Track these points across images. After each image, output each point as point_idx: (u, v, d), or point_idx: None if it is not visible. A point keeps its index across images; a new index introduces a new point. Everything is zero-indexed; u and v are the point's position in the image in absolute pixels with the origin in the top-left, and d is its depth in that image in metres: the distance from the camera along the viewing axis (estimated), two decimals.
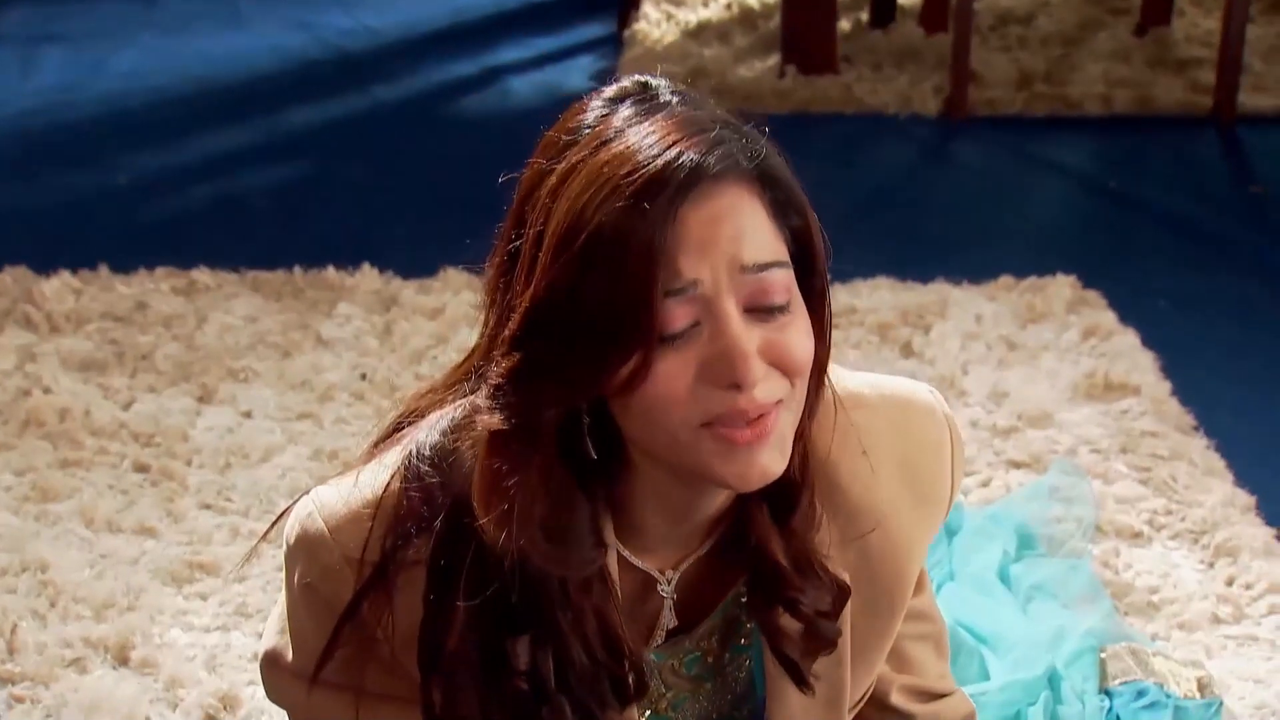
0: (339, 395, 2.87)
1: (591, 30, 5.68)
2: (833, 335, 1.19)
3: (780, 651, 1.26)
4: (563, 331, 1.07)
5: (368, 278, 3.35)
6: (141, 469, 2.63)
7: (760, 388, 1.08)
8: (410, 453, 1.19)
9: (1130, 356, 3.00)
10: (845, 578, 1.26)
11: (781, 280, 1.09)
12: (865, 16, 5.25)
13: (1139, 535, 2.44)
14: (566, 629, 1.17)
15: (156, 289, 3.31)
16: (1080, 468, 2.55)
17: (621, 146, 1.07)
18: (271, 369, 2.97)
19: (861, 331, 3.07)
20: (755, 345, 1.08)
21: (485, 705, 1.18)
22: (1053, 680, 1.96)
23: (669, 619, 1.28)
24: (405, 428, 1.24)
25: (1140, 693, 1.95)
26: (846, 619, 1.28)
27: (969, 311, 3.18)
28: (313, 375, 2.94)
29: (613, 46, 5.37)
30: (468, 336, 3.06)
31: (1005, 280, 3.34)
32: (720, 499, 1.21)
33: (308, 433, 2.75)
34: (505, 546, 1.11)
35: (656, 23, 5.42)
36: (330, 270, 3.38)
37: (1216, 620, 2.23)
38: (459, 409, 1.19)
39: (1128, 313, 3.19)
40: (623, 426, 1.12)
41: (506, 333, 1.10)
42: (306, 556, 1.22)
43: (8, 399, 2.83)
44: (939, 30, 5.07)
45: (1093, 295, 3.28)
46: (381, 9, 5.80)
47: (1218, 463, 2.63)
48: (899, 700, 1.44)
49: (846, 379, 1.27)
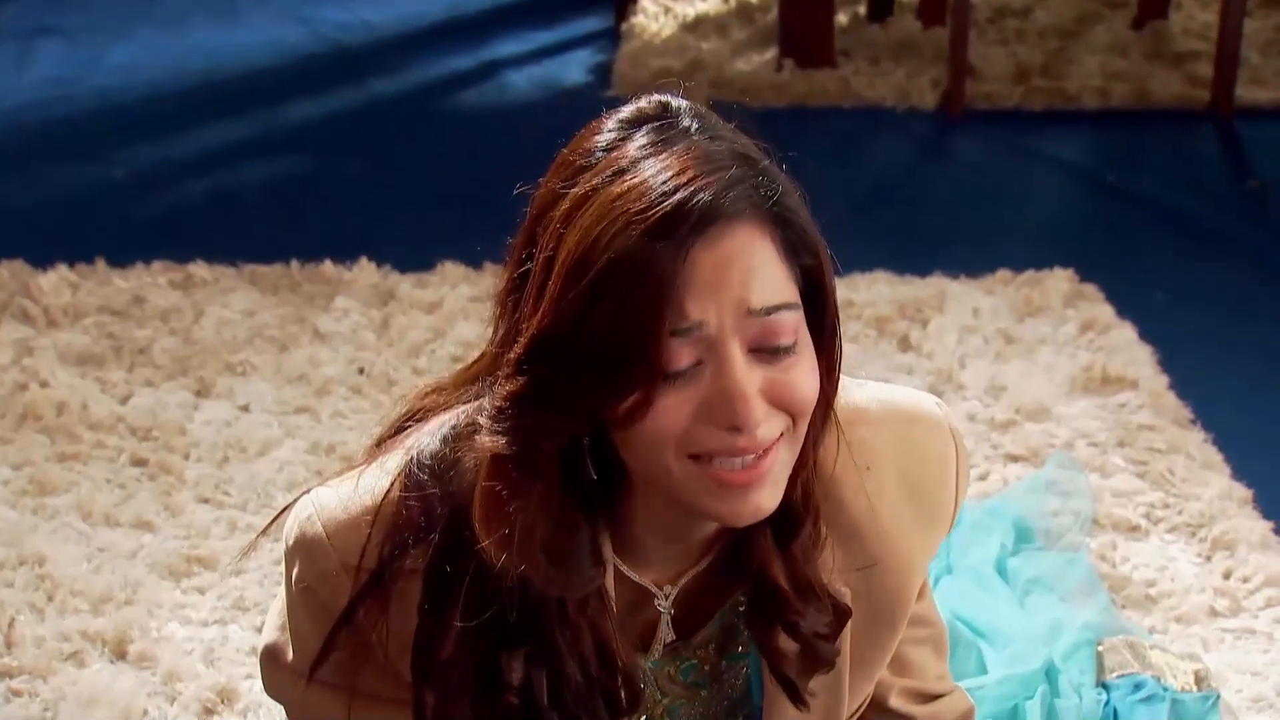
0: (336, 389, 2.87)
1: (589, 24, 5.67)
2: None
3: (778, 671, 1.26)
4: (567, 362, 1.06)
5: (365, 272, 3.34)
6: (139, 463, 2.63)
7: (761, 428, 1.08)
8: (411, 459, 1.19)
9: (1128, 350, 3.00)
10: (846, 594, 1.26)
11: (789, 322, 1.09)
12: (863, 10, 5.24)
13: (1136, 528, 2.44)
14: (563, 646, 1.17)
15: (154, 283, 3.31)
16: (1078, 461, 2.55)
17: (636, 179, 1.06)
18: (269, 363, 2.97)
19: (859, 325, 3.07)
20: (758, 385, 1.08)
21: (478, 716, 1.18)
22: (1050, 674, 1.96)
23: (666, 633, 1.28)
24: (409, 427, 1.24)
25: (1137, 686, 1.95)
26: (846, 636, 1.28)
27: (966, 305, 3.18)
28: (310, 369, 2.94)
29: (610, 40, 5.36)
30: (465, 330, 3.06)
31: (1003, 274, 3.34)
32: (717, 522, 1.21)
33: (305, 427, 2.74)
34: (506, 568, 1.12)
35: (654, 16, 5.42)
36: (327, 264, 3.37)
37: (1214, 613, 2.24)
38: (461, 415, 1.18)
39: (1125, 306, 3.19)
40: (621, 452, 1.12)
41: (512, 355, 1.10)
42: (305, 560, 1.22)
43: (5, 393, 2.83)
44: (936, 24, 5.07)
45: (1090, 289, 3.28)
46: (379, 3, 5.78)
47: (1215, 456, 2.64)
48: (898, 703, 1.44)
49: (851, 391, 1.26)
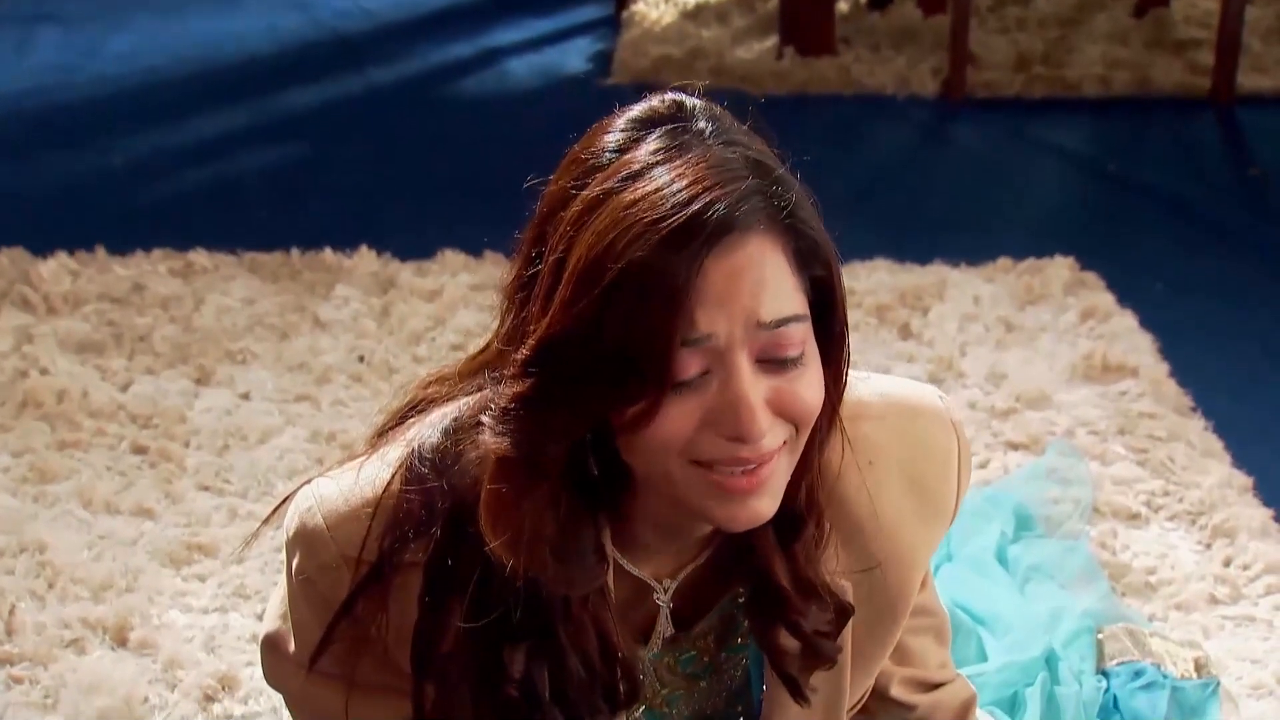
0: (337, 377, 2.87)
1: (589, 12, 5.66)
2: None
3: (779, 667, 1.26)
4: (575, 367, 1.06)
5: (365, 259, 3.34)
6: (139, 450, 2.63)
7: (765, 438, 1.08)
8: (413, 451, 1.18)
9: (1128, 338, 3.00)
10: (847, 590, 1.26)
11: (797, 335, 1.08)
12: None
13: (1136, 516, 2.44)
14: (565, 641, 1.17)
15: (154, 270, 3.30)
16: (1078, 449, 2.55)
17: (650, 187, 1.05)
18: (269, 351, 2.97)
19: (860, 314, 3.07)
20: (763, 396, 1.08)
21: (477, 709, 1.18)
22: (1050, 661, 1.96)
23: (665, 628, 1.28)
24: (411, 418, 1.23)
25: (1137, 673, 1.95)
26: (847, 631, 1.28)
27: (967, 293, 3.18)
28: (310, 357, 2.94)
29: (610, 28, 5.35)
30: (466, 318, 3.06)
31: (1003, 262, 3.34)
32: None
33: (305, 414, 2.74)
34: (514, 568, 1.12)
35: (654, 4, 5.41)
36: (328, 252, 3.37)
37: (1214, 601, 2.24)
38: (463, 408, 1.18)
39: (1126, 294, 3.19)
40: (623, 454, 1.12)
41: (519, 357, 1.09)
42: (305, 551, 1.22)
43: (5, 380, 2.83)
44: (937, 12, 5.07)
45: (1091, 277, 3.28)
46: None
47: (1215, 444, 2.64)
48: (899, 692, 1.44)
49: (853, 385, 1.25)
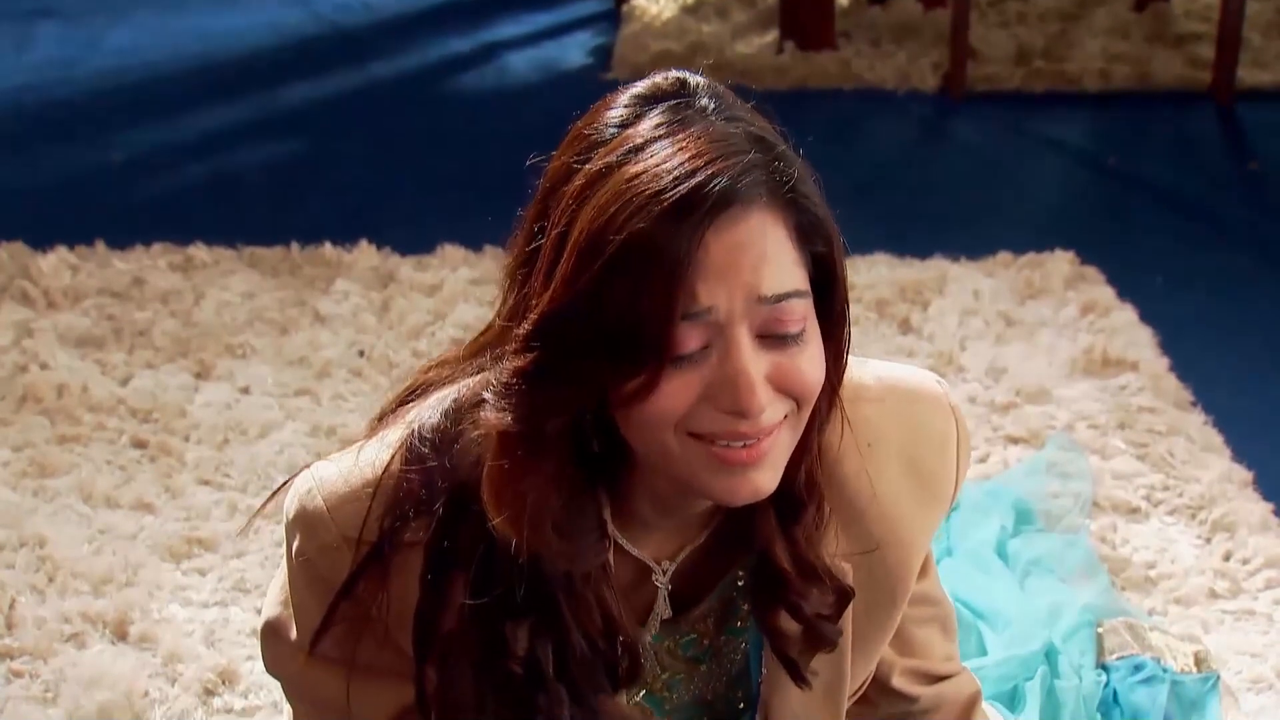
0: (336, 372, 2.87)
1: (588, 6, 5.66)
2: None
3: (780, 650, 1.26)
4: (576, 340, 1.06)
5: (365, 254, 3.34)
6: (139, 445, 2.63)
7: (765, 413, 1.08)
8: (412, 432, 1.18)
9: (1128, 332, 3.00)
10: (847, 572, 1.26)
11: (798, 310, 1.08)
12: None
13: (1136, 510, 2.44)
14: (569, 617, 1.17)
15: (154, 265, 3.30)
16: (1078, 443, 2.55)
17: (652, 160, 1.05)
18: (269, 345, 2.97)
19: (860, 308, 3.07)
20: (764, 371, 1.08)
21: (480, 687, 1.18)
22: (1050, 655, 1.96)
23: (664, 609, 1.28)
24: (412, 401, 1.24)
25: (1137, 667, 1.95)
26: (848, 615, 1.28)
27: (967, 287, 3.18)
28: (310, 352, 2.94)
29: (610, 22, 5.35)
30: (465, 312, 3.06)
31: (1003, 256, 3.34)
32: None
33: (305, 409, 2.75)
34: (518, 545, 1.12)
35: None
36: (327, 247, 3.37)
37: (1213, 595, 2.24)
38: (463, 389, 1.18)
39: (1126, 288, 3.19)
40: (621, 430, 1.12)
41: (520, 332, 1.09)
42: (305, 533, 1.22)
43: (5, 375, 2.83)
44: (937, 6, 5.06)
45: (1091, 271, 3.28)
46: None
47: (1215, 438, 2.64)
48: (901, 683, 1.44)
49: (853, 369, 1.25)
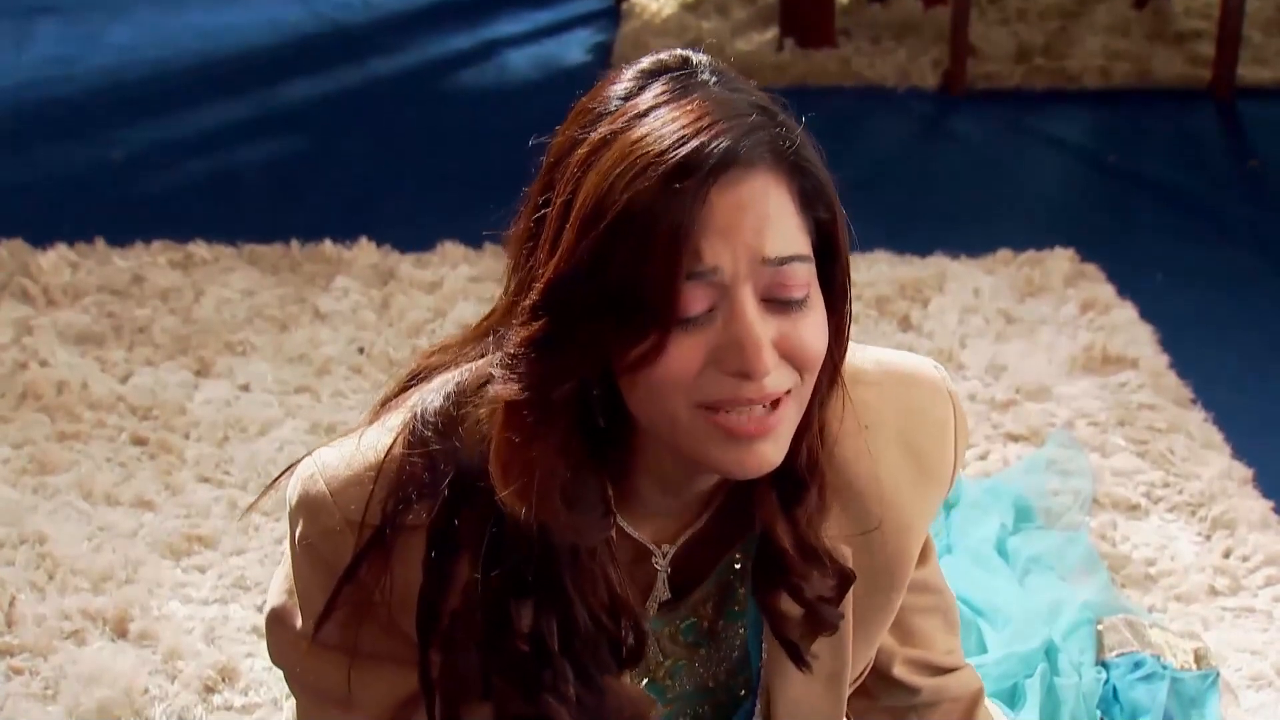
0: (336, 369, 2.87)
1: (588, 3, 5.66)
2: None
3: (781, 633, 1.27)
4: (583, 305, 1.06)
5: (365, 251, 3.34)
6: (139, 442, 2.63)
7: (770, 378, 1.09)
8: (415, 415, 1.19)
9: (1128, 330, 3.00)
10: (847, 555, 1.26)
11: (801, 275, 1.09)
12: None
13: (1136, 508, 2.44)
14: (574, 593, 1.17)
15: (153, 262, 3.30)
16: (1078, 440, 2.55)
17: (655, 124, 1.06)
18: (269, 342, 2.97)
19: (860, 305, 3.07)
20: (770, 336, 1.08)
21: (485, 666, 1.19)
22: (1050, 652, 1.96)
23: (663, 592, 1.28)
24: (414, 386, 1.24)
25: (1137, 664, 1.95)
26: (848, 598, 1.28)
27: (967, 285, 3.18)
28: (310, 349, 2.94)
29: (610, 20, 5.35)
30: (465, 310, 3.05)
31: (1003, 254, 3.34)
32: (718, 475, 1.21)
33: (305, 406, 2.74)
34: (526, 518, 1.12)
35: None
36: (327, 244, 3.37)
37: (1213, 592, 2.24)
38: (465, 373, 1.19)
39: (1126, 286, 3.19)
40: (628, 401, 1.12)
41: (527, 301, 1.09)
42: (308, 517, 1.23)
43: (5, 372, 2.83)
44: (938, 3, 5.06)
45: (1091, 269, 3.28)
46: None
47: (1215, 435, 2.64)
48: (902, 673, 1.44)
49: (852, 354, 1.26)
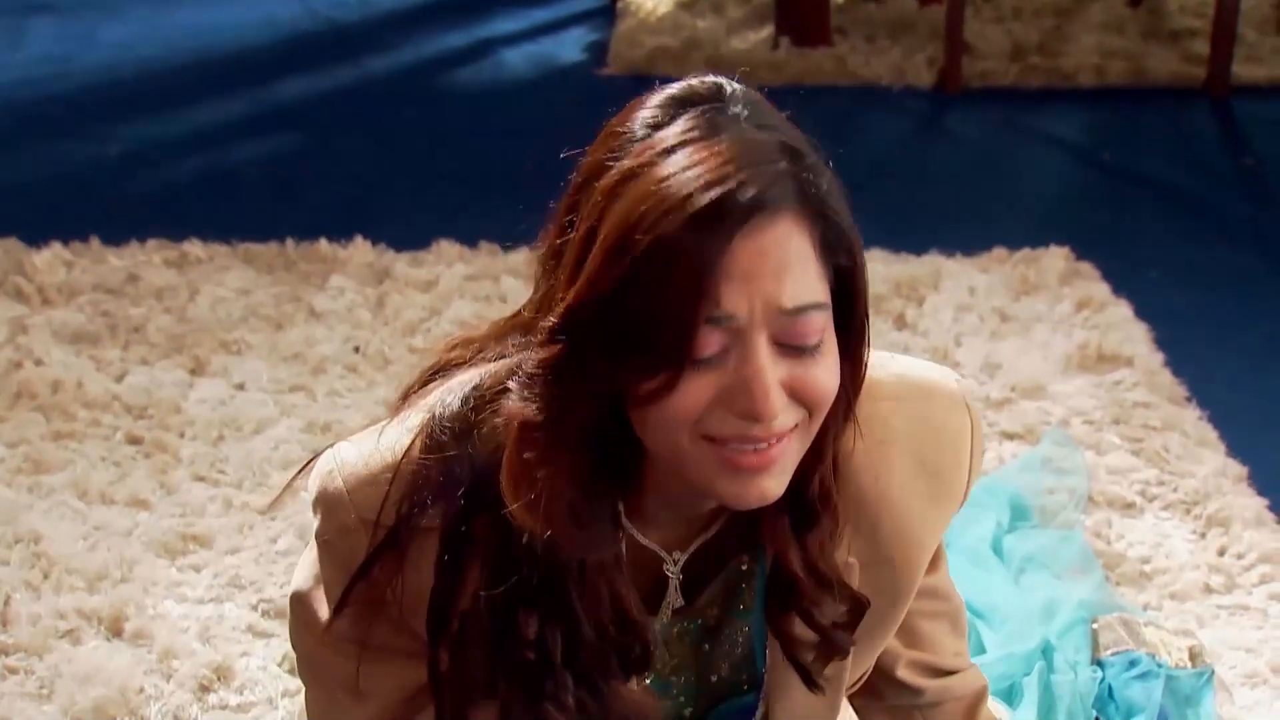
0: (332, 368, 2.87)
1: (584, 2, 5.66)
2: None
3: (793, 656, 1.28)
4: (601, 337, 1.07)
5: (360, 250, 3.34)
6: (134, 441, 2.62)
7: (778, 419, 1.09)
8: (434, 417, 1.20)
9: (1123, 328, 3.00)
10: (854, 567, 1.26)
11: (817, 323, 1.09)
12: None
13: (1131, 506, 2.44)
14: (579, 607, 1.18)
15: (148, 261, 3.30)
16: (1073, 439, 2.55)
17: (682, 163, 1.06)
18: (264, 341, 2.97)
19: None
20: (780, 377, 1.09)
21: (492, 671, 1.20)
22: (1046, 651, 1.96)
23: (675, 599, 1.29)
24: (436, 381, 1.25)
25: (1132, 663, 1.96)
26: None
27: (962, 283, 3.18)
28: (305, 348, 2.94)
29: (606, 18, 5.35)
30: (461, 308, 3.05)
31: (998, 252, 3.34)
32: None
33: (300, 405, 2.74)
34: (534, 533, 1.13)
35: None
36: (322, 243, 3.37)
37: (1208, 590, 2.24)
38: (485, 376, 1.20)
39: (1121, 284, 3.20)
40: (636, 428, 1.13)
41: (546, 324, 1.10)
42: (325, 513, 1.25)
43: (0, 371, 2.83)
44: (933, 2, 5.06)
45: (1086, 267, 3.28)
46: None
47: (1210, 433, 2.64)
48: (906, 675, 1.44)
49: (873, 365, 1.24)
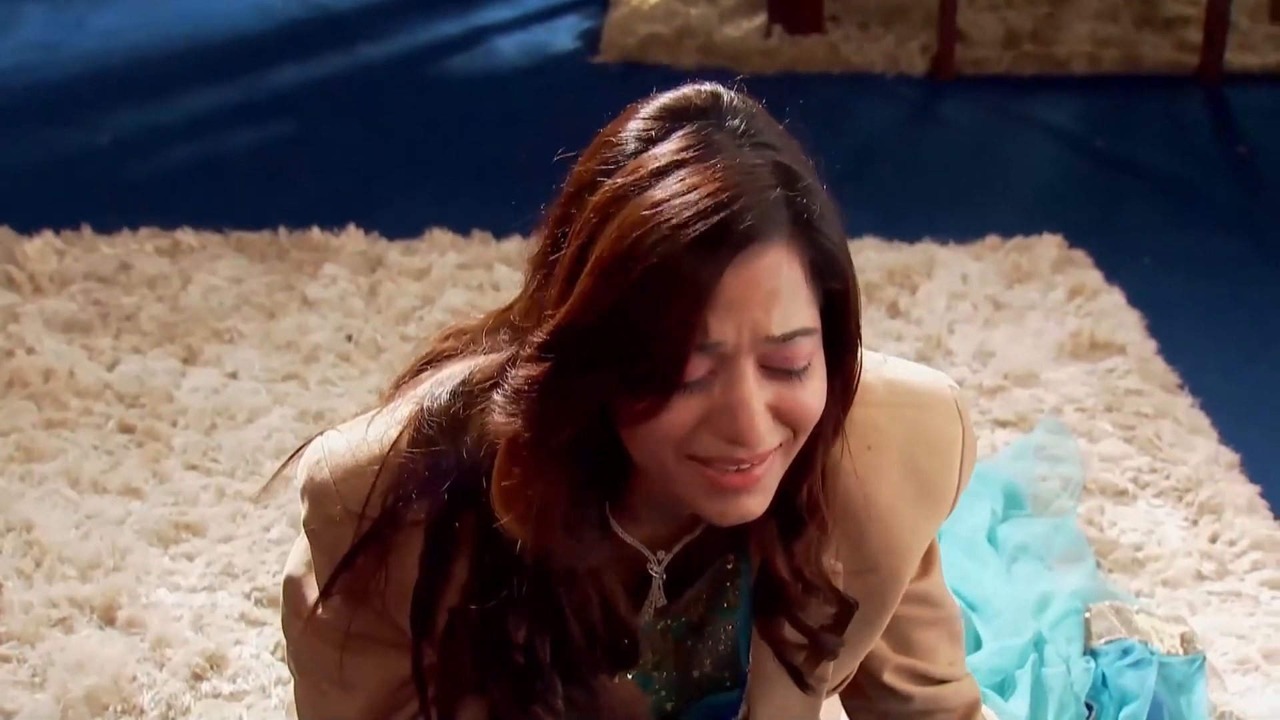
0: (324, 356, 2.87)
1: None
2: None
3: (784, 658, 1.28)
4: (589, 358, 1.07)
5: (353, 238, 3.33)
6: (127, 430, 2.62)
7: (762, 442, 1.09)
8: (422, 410, 1.20)
9: (1116, 315, 3.00)
10: (838, 570, 1.26)
11: (804, 348, 1.09)
12: None
13: (1123, 493, 2.45)
14: (569, 611, 1.19)
15: (140, 249, 3.29)
16: (1066, 426, 2.55)
17: (677, 187, 1.05)
18: (256, 330, 2.96)
19: None
20: (766, 400, 1.09)
21: (481, 670, 1.21)
22: (1038, 644, 1.97)
23: (658, 598, 1.29)
24: (427, 371, 1.25)
25: (1125, 651, 1.96)
26: None
27: (955, 271, 3.18)
28: (298, 336, 2.93)
29: (599, 6, 5.32)
30: (454, 297, 3.05)
31: (991, 240, 3.34)
32: None
33: (293, 394, 2.74)
34: (525, 542, 1.13)
35: None
36: (315, 231, 3.36)
37: (1200, 577, 2.25)
38: (475, 370, 1.19)
39: (1113, 272, 3.20)
40: (623, 442, 1.13)
41: (535, 339, 1.10)
42: (311, 504, 1.25)
43: None
44: None
45: (1079, 254, 3.28)
46: None
47: (1202, 421, 2.64)
48: (892, 680, 1.43)
49: (866, 371, 1.23)
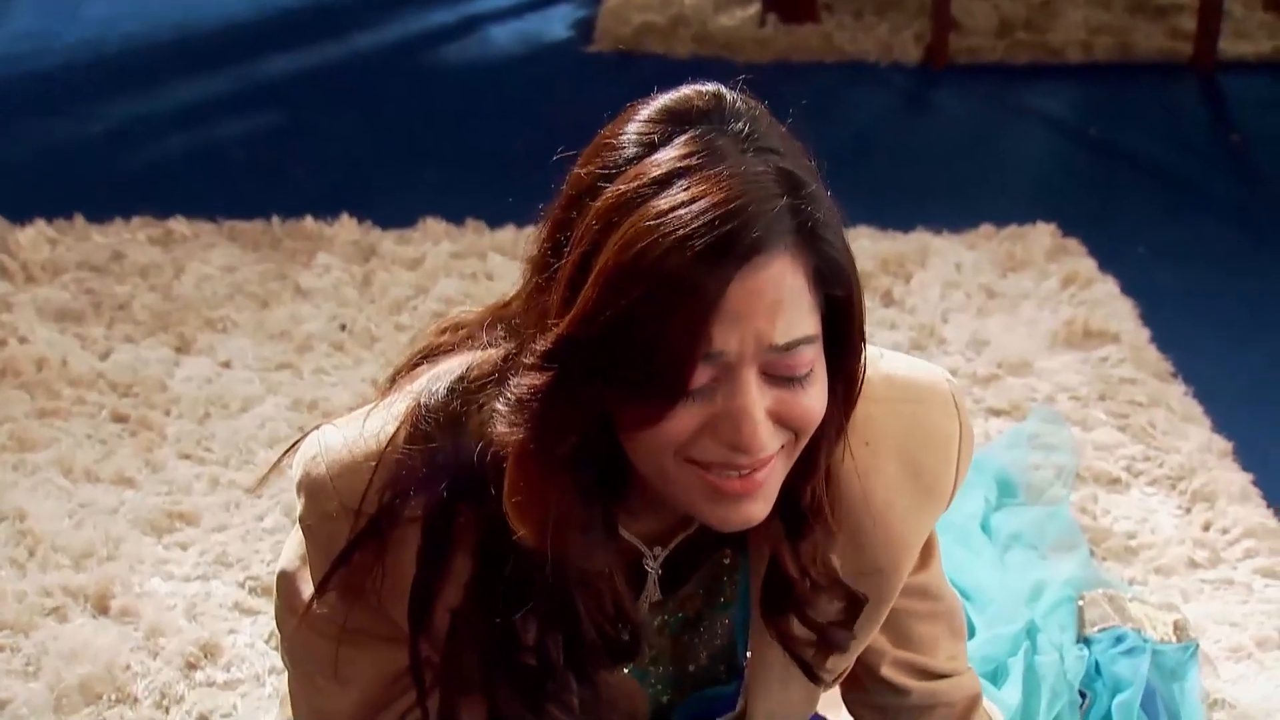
0: (318, 345, 2.86)
1: None
2: None
3: (794, 653, 1.28)
4: (592, 367, 1.07)
5: (346, 228, 3.33)
6: (120, 419, 2.62)
7: (765, 449, 1.10)
8: (419, 405, 1.20)
9: (1109, 304, 3.00)
10: (836, 564, 1.27)
11: (806, 356, 1.09)
12: None
13: (1117, 481, 2.45)
14: (582, 610, 1.19)
15: (133, 239, 3.29)
16: (1059, 415, 2.56)
17: (681, 197, 1.05)
18: (250, 319, 2.96)
19: None
20: (767, 406, 1.09)
21: (487, 671, 1.21)
22: (1030, 632, 1.97)
23: (654, 593, 1.29)
24: (424, 365, 1.25)
25: (1118, 639, 1.96)
26: None
27: (949, 260, 3.18)
28: (291, 326, 2.93)
29: None
30: (447, 286, 3.05)
31: (985, 229, 3.34)
32: None
33: (287, 383, 2.74)
34: (540, 549, 1.13)
35: None
36: (309, 220, 3.36)
37: (1193, 564, 2.25)
38: (471, 365, 1.19)
39: (1107, 260, 3.20)
40: (624, 447, 1.13)
41: (538, 347, 1.10)
42: (307, 499, 1.24)
43: None
44: None
45: (1072, 243, 3.28)
46: None
47: (1195, 409, 2.65)
48: (890, 673, 1.44)
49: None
